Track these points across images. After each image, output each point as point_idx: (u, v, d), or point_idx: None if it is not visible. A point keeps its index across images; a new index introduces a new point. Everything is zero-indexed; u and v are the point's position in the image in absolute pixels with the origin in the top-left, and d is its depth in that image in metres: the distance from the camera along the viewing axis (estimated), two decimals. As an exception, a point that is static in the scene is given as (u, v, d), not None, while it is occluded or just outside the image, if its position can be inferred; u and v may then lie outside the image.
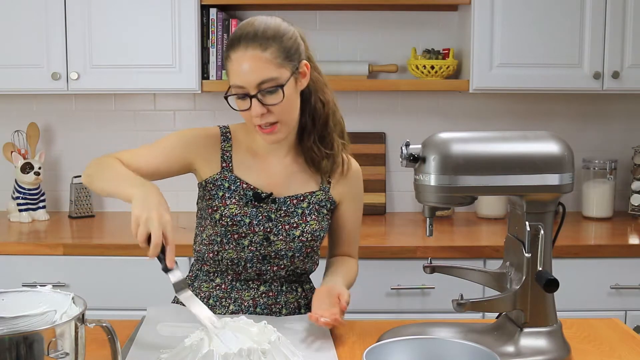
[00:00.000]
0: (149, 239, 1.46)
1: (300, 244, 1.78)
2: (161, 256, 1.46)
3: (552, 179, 1.46)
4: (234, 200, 1.76)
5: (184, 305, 1.81)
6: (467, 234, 2.90)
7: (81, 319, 1.20)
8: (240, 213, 1.75)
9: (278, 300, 1.81)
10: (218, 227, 1.76)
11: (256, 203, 1.76)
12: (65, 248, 2.61)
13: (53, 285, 1.84)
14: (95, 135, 3.17)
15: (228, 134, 1.83)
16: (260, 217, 1.76)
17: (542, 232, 1.47)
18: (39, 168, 3.00)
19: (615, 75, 2.82)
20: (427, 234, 1.54)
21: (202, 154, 1.80)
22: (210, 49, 2.89)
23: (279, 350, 1.35)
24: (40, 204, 3.03)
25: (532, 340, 1.49)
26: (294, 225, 1.77)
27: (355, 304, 2.59)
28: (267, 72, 1.64)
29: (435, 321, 1.67)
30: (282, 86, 1.65)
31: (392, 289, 2.60)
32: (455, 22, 3.12)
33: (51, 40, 2.79)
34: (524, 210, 1.48)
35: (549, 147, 1.47)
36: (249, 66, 1.64)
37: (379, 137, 3.19)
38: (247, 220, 1.75)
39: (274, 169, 1.81)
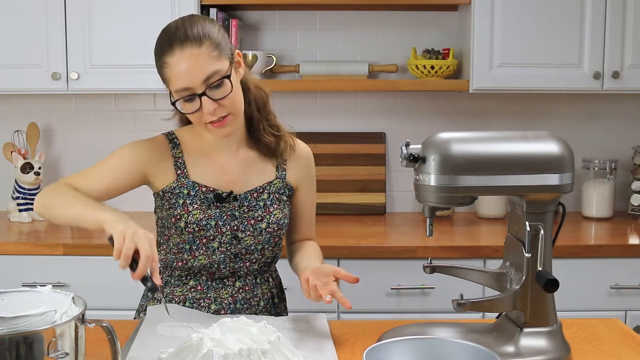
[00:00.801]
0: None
1: (268, 236, 1.79)
2: (147, 275, 1.45)
3: (552, 179, 1.46)
4: (195, 205, 1.76)
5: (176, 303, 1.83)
6: (467, 234, 2.90)
7: (81, 319, 1.20)
8: (204, 217, 1.75)
9: (255, 293, 1.83)
10: (185, 234, 1.76)
11: (218, 204, 1.76)
12: (65, 248, 2.61)
13: (53, 285, 1.84)
14: (95, 135, 3.17)
15: (175, 140, 1.82)
16: (225, 217, 1.76)
17: (542, 232, 1.47)
18: (39, 168, 3.00)
19: (615, 75, 2.82)
20: (427, 234, 1.54)
21: (155, 164, 1.78)
22: (210, 49, 2.88)
23: (279, 350, 1.34)
24: (40, 204, 3.03)
25: (532, 340, 1.49)
26: (259, 218, 1.78)
27: (355, 304, 2.60)
28: (209, 67, 1.63)
29: (435, 321, 1.67)
30: (228, 77, 1.66)
31: (392, 289, 2.60)
32: (455, 22, 3.12)
33: (51, 40, 2.79)
34: (524, 210, 1.48)
35: (549, 147, 1.47)
36: (190, 65, 1.63)
37: (379, 137, 3.19)
38: (213, 223, 1.75)
39: (228, 166, 1.81)
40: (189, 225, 1.75)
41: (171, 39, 1.65)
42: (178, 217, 1.76)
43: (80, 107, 3.18)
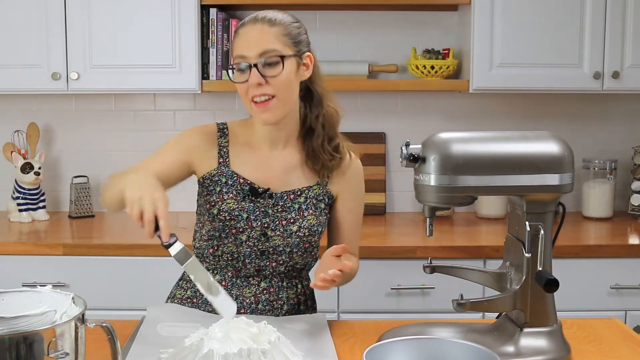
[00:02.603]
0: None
1: (298, 240, 1.78)
2: (159, 233, 1.49)
3: (552, 179, 1.46)
4: (231, 195, 1.77)
5: (181, 303, 1.83)
6: (467, 234, 2.90)
7: (81, 319, 1.20)
8: (237, 208, 1.76)
9: (279, 296, 1.81)
10: (216, 222, 1.77)
11: (253, 198, 1.77)
12: (65, 248, 2.61)
13: (53, 285, 1.84)
14: (95, 135, 3.17)
15: (225, 130, 1.85)
16: (258, 212, 1.77)
17: (542, 232, 1.47)
18: (39, 168, 3.00)
19: (615, 75, 2.82)
20: (427, 234, 1.54)
21: (200, 152, 1.81)
22: (210, 49, 2.89)
23: (279, 350, 1.35)
24: (40, 204, 3.03)
25: (532, 340, 1.49)
26: (291, 220, 1.78)
27: (355, 304, 2.61)
28: (270, 44, 1.70)
29: (435, 321, 1.67)
30: (282, 57, 1.70)
31: (392, 289, 2.60)
32: (455, 22, 3.12)
33: (51, 40, 2.79)
34: (524, 210, 1.48)
35: (549, 147, 1.48)
36: (253, 37, 1.71)
37: (379, 137, 3.19)
38: (245, 215, 1.76)
39: (271, 163, 1.81)
40: (221, 213, 1.76)
41: (251, 17, 1.75)
42: (212, 203, 1.78)
43: (80, 107, 3.18)
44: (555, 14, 2.81)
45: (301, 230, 1.78)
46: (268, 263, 1.79)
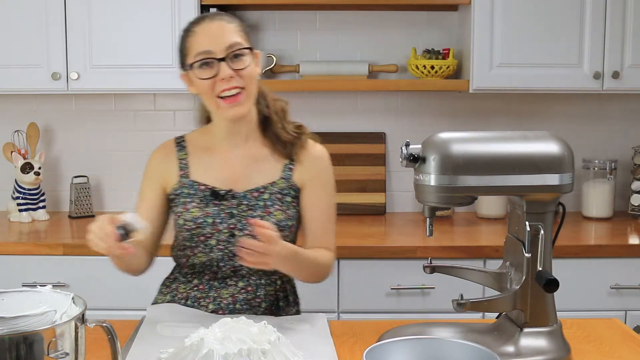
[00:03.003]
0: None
1: None
2: (118, 240, 1.59)
3: (552, 179, 1.46)
4: (194, 204, 1.79)
5: (180, 303, 1.83)
6: (467, 234, 2.90)
7: (81, 319, 1.21)
8: (202, 215, 1.77)
9: (257, 294, 1.81)
10: (184, 232, 1.79)
11: (216, 202, 1.78)
12: (65, 248, 2.61)
13: (53, 285, 1.83)
14: (95, 135, 3.17)
15: (182, 142, 1.88)
16: (223, 214, 1.77)
17: (542, 232, 1.48)
18: (39, 168, 3.00)
19: (615, 75, 2.82)
20: (427, 234, 1.54)
21: (162, 172, 1.85)
22: (210, 49, 2.89)
23: (279, 350, 1.34)
24: (40, 204, 3.03)
25: (532, 340, 1.49)
26: (258, 218, 1.76)
27: (355, 304, 2.61)
28: (235, 37, 1.73)
29: (435, 321, 1.67)
30: (250, 49, 1.74)
31: (392, 289, 2.60)
32: (455, 22, 3.12)
33: (51, 40, 2.78)
34: (524, 210, 1.48)
35: (549, 147, 1.48)
36: (217, 32, 1.73)
37: (379, 137, 3.19)
38: (210, 220, 1.77)
39: (231, 162, 1.82)
40: (187, 223, 1.77)
41: (203, 16, 1.78)
42: (179, 214, 1.80)
43: (80, 107, 3.18)
44: (555, 14, 2.81)
45: None
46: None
